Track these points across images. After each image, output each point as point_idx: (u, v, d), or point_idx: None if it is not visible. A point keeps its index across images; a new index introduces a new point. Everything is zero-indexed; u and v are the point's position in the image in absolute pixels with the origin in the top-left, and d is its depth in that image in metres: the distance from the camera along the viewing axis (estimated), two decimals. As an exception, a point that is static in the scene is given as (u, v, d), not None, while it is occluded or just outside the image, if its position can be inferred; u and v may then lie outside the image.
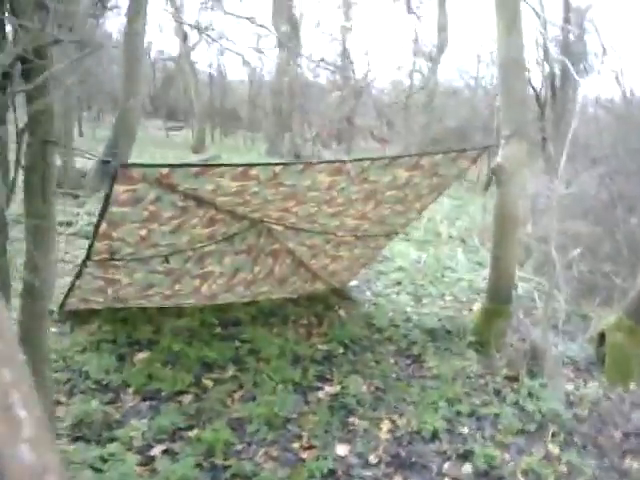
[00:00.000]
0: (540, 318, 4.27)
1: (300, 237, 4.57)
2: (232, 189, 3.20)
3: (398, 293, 5.88)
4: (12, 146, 2.18)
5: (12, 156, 2.19)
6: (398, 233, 5.07)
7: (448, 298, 5.86)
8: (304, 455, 3.03)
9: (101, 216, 3.00)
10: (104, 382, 3.44)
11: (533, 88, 11.45)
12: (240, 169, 3.00)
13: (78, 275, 3.74)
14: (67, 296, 4.06)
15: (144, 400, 3.33)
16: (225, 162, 10.82)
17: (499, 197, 4.41)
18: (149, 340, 4.07)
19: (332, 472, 2.90)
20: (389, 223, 4.67)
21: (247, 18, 13.84)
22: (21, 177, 2.17)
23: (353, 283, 6.01)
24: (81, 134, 19.31)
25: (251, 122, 30.99)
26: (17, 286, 2.42)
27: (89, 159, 2.42)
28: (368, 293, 5.84)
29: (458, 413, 3.57)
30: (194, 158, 17.53)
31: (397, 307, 5.37)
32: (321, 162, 3.32)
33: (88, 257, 3.47)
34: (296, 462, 2.97)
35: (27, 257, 2.21)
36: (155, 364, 3.72)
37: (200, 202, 3.32)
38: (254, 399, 3.45)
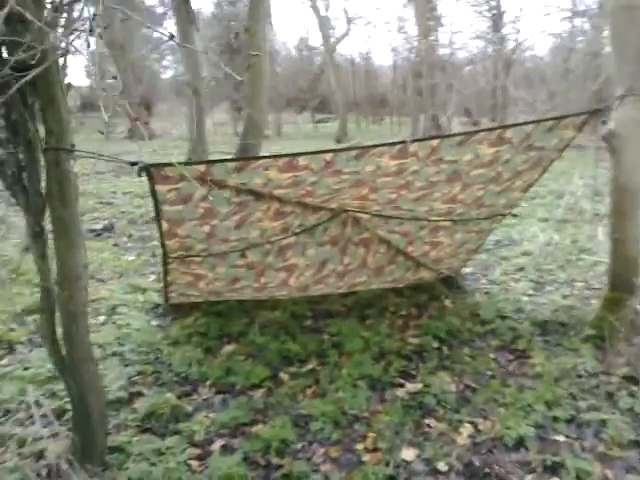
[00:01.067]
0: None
1: (389, 224, 4.34)
2: (285, 181, 3.11)
3: (518, 280, 5.35)
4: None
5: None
6: (504, 215, 4.58)
7: (579, 284, 5.20)
8: (366, 458, 2.85)
9: (157, 215, 3.10)
10: (184, 375, 3.57)
11: None
12: (284, 160, 2.90)
13: (166, 272, 3.94)
14: (166, 291, 4.31)
15: (218, 393, 3.40)
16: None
17: (614, 169, 3.76)
18: (239, 333, 4.15)
19: (391, 479, 2.70)
20: (488, 205, 4.24)
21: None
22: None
23: (467, 270, 5.60)
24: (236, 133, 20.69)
25: (398, 107, 30.63)
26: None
27: (115, 162, 2.45)
28: (483, 281, 5.39)
29: (555, 419, 3.11)
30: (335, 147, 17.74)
31: (511, 296, 4.87)
32: (376, 145, 3.07)
33: (165, 254, 3.63)
34: (356, 465, 2.80)
35: (57, 261, 2.32)
36: (237, 357, 3.78)
37: (258, 196, 3.28)
38: (325, 395, 3.34)
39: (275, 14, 56.96)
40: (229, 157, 11.42)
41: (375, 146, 3.09)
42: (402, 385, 3.50)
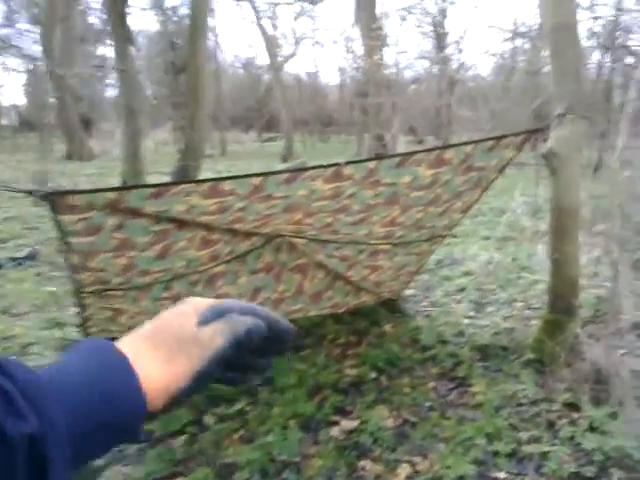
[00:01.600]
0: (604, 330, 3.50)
1: (327, 249, 4.16)
2: (210, 207, 2.88)
3: (459, 301, 5.25)
4: None
5: None
6: (444, 236, 4.47)
7: (519, 304, 5.13)
8: (295, 510, 2.63)
9: (65, 248, 2.81)
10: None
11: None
12: (207, 185, 2.67)
13: (82, 307, 3.61)
14: (84, 327, 3.97)
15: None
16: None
17: (553, 188, 3.70)
18: (163, 371, 3.84)
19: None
20: (428, 227, 4.12)
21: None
22: None
23: (409, 292, 5.47)
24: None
25: (344, 125, 30.87)
26: None
27: (8, 190, 2.17)
28: (425, 303, 5.26)
29: (495, 453, 2.96)
30: (281, 167, 17.60)
31: (452, 319, 4.75)
32: (308, 168, 2.90)
33: (78, 289, 3.31)
34: (283, 519, 2.57)
35: None
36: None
37: (180, 224, 3.02)
38: (254, 440, 3.09)
39: (222, 32, 56.90)
40: (167, 178, 11.07)
41: (307, 169, 2.92)
42: (337, 423, 3.28)
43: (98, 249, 2.90)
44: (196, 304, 0.56)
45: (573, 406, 3.30)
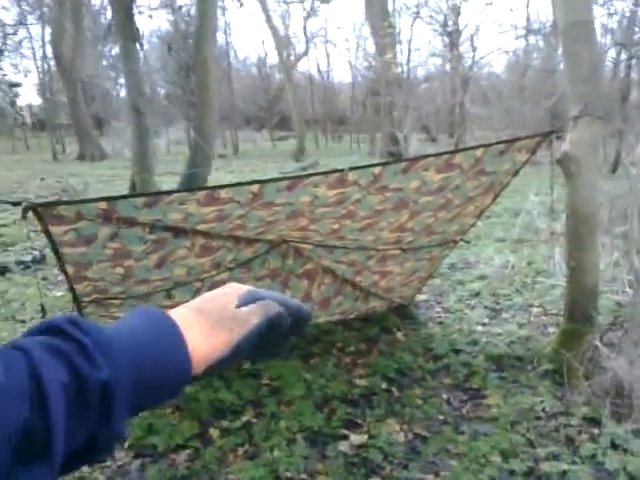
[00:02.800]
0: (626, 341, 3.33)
1: (335, 254, 4.03)
2: (208, 215, 2.76)
3: (473, 307, 5.09)
4: None
5: None
6: (457, 241, 4.32)
7: (535, 310, 4.97)
8: (301, 532, 2.50)
9: (59, 259, 2.71)
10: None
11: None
12: (202, 194, 2.55)
13: (81, 316, 3.52)
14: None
15: (137, 457, 2.98)
16: (323, 168, 10.50)
17: (570, 194, 3.54)
18: (168, 380, 3.73)
19: None
20: (439, 232, 3.97)
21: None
22: None
23: (421, 297, 5.33)
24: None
25: (357, 124, 30.70)
26: None
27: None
28: (437, 309, 5.12)
29: (512, 472, 2.82)
30: (293, 166, 17.50)
31: (465, 326, 4.60)
32: (310, 175, 2.77)
33: (76, 299, 3.22)
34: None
35: None
36: (162, 411, 3.36)
37: (177, 232, 2.91)
38: (259, 455, 2.97)
39: (235, 31, 56.93)
40: (179, 178, 11.00)
41: (309, 176, 2.79)
42: (346, 437, 3.15)
43: (92, 259, 2.80)
44: (237, 288, 0.64)
45: (593, 421, 3.15)
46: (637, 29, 11.81)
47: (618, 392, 3.15)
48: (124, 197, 2.49)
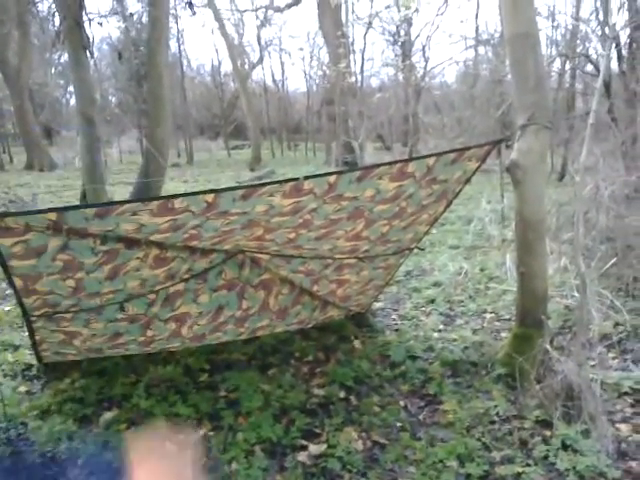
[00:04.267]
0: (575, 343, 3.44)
1: (292, 264, 4.02)
2: (162, 225, 2.71)
3: (429, 314, 5.17)
4: None
5: None
6: (412, 249, 4.38)
7: (489, 316, 5.09)
8: None
9: (5, 272, 2.62)
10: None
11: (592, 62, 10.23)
12: (156, 204, 2.51)
13: (31, 331, 3.41)
14: (37, 351, 3.75)
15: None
16: (279, 177, 10.46)
17: (518, 201, 3.65)
18: (122, 396, 3.64)
19: None
20: (394, 240, 4.02)
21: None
22: None
23: (379, 305, 5.38)
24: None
25: (313, 133, 30.85)
26: None
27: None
28: (394, 316, 5.17)
29: (468, 476, 2.86)
30: (249, 175, 17.42)
31: (421, 333, 4.66)
32: (265, 184, 2.76)
33: (25, 313, 3.11)
34: None
35: None
36: (117, 426, 3.28)
37: (130, 243, 2.85)
38: (217, 469, 2.92)
39: (188, 39, 56.45)
40: (131, 188, 10.79)
41: (264, 185, 2.77)
42: (305, 447, 3.14)
43: (42, 272, 2.72)
44: None
45: (545, 423, 3.23)
46: (578, 41, 12.28)
47: (568, 394, 3.24)
48: (74, 208, 2.42)
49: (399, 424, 3.38)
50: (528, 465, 2.92)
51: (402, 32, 25.93)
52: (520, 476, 2.84)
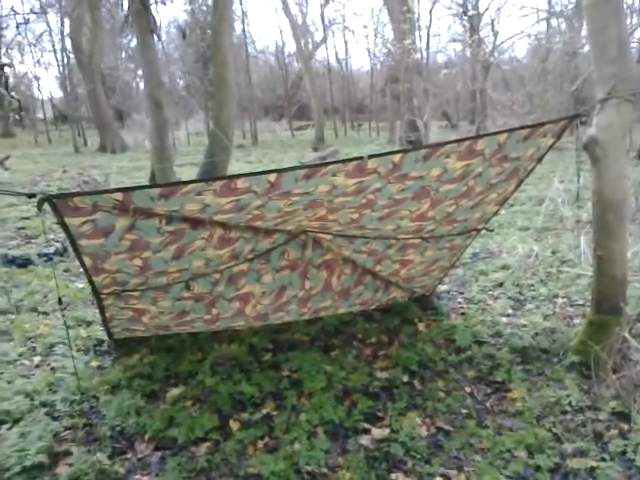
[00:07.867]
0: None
1: (355, 244, 3.96)
2: (226, 206, 2.71)
3: (496, 298, 4.99)
4: None
5: None
6: (479, 230, 4.22)
7: (560, 301, 4.85)
8: (321, 528, 2.46)
9: (75, 251, 2.69)
10: (119, 428, 3.12)
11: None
12: (219, 184, 2.49)
13: (102, 308, 3.52)
14: (108, 327, 3.88)
15: (157, 450, 2.96)
16: (343, 157, 10.39)
17: (596, 180, 3.42)
18: (188, 373, 3.71)
19: None
20: (460, 220, 3.88)
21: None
22: None
23: (443, 288, 5.24)
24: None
25: (376, 112, 30.46)
26: None
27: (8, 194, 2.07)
28: (460, 300, 5.02)
29: (537, 468, 2.74)
30: (312, 155, 17.41)
31: (489, 317, 4.51)
32: (328, 163, 2.69)
33: (95, 291, 3.21)
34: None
35: None
36: (183, 403, 3.35)
37: (195, 223, 2.87)
38: (279, 448, 2.93)
39: (252, 21, 56.77)
40: (197, 168, 11.01)
41: (327, 164, 2.70)
42: (367, 431, 3.10)
43: (110, 251, 2.78)
44: None
45: (623, 415, 3.06)
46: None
47: (647, 386, 3.04)
48: (140, 188, 2.44)
49: (464, 411, 3.28)
50: (603, 460, 2.77)
51: (470, 6, 25.07)
52: (594, 471, 2.70)
